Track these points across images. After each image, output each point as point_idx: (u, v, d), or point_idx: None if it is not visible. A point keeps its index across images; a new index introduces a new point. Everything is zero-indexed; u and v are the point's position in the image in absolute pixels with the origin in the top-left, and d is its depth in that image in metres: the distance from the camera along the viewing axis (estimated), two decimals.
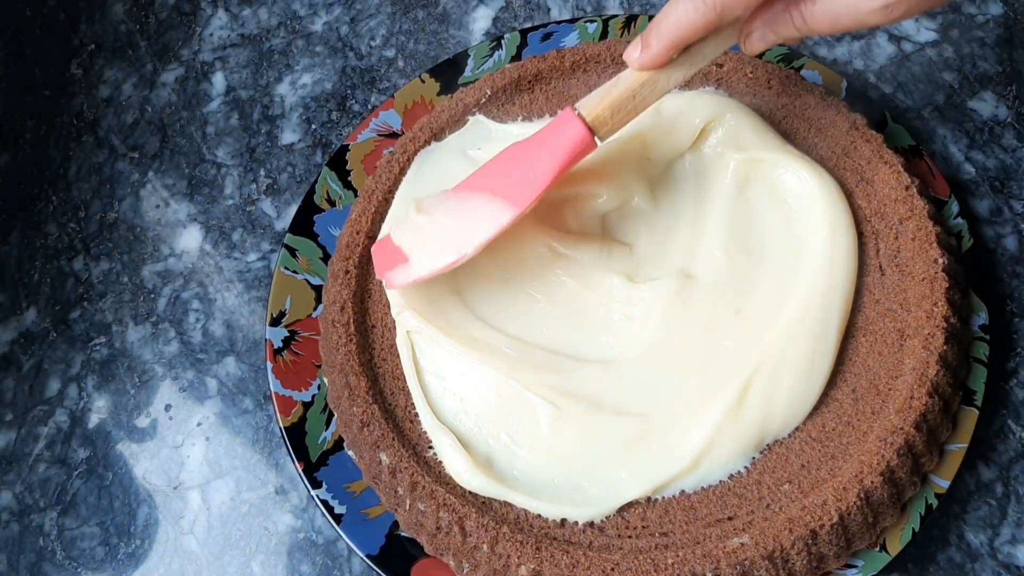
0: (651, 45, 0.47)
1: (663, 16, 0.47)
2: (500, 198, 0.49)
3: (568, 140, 0.49)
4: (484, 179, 0.51)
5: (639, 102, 0.49)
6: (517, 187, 0.49)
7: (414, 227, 0.52)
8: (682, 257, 0.54)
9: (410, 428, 0.51)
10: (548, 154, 0.49)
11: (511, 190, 0.50)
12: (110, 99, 0.69)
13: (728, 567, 0.45)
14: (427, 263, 0.50)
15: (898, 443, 0.47)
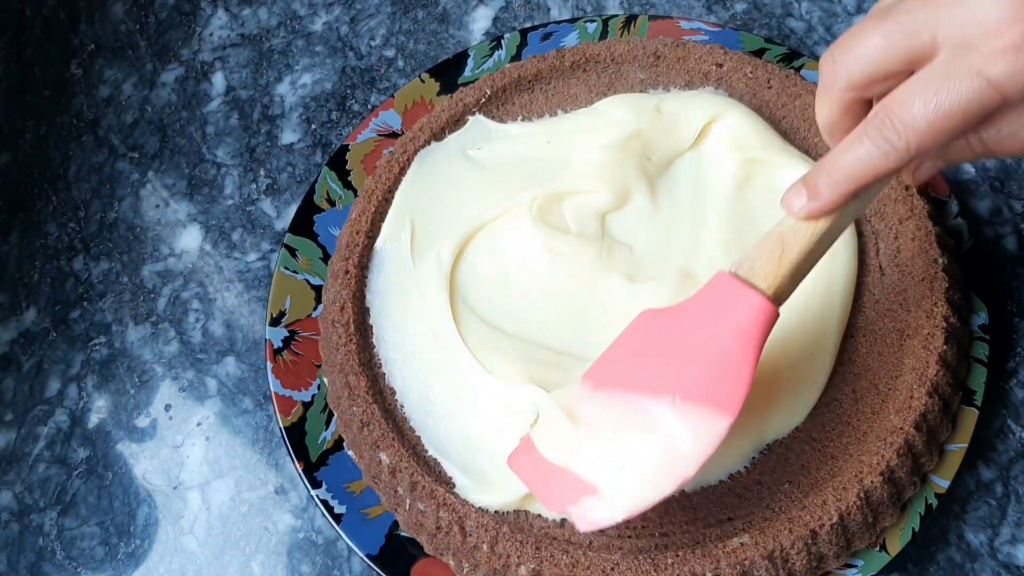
0: (822, 194, 0.40)
1: (837, 158, 0.39)
2: (697, 402, 0.40)
3: (757, 321, 0.40)
4: (645, 371, 0.42)
5: (814, 256, 0.42)
6: (713, 385, 0.40)
7: (573, 439, 0.43)
8: (682, 257, 0.54)
9: (410, 428, 0.51)
10: (736, 340, 0.40)
11: (706, 390, 0.40)
12: (110, 99, 0.69)
13: (728, 567, 0.45)
14: (636, 496, 0.41)
15: (898, 443, 0.47)
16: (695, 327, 0.42)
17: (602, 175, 0.55)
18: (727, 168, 0.56)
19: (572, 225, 0.55)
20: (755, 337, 0.40)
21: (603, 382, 0.44)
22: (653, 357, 0.42)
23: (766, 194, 0.55)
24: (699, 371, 0.41)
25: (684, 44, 0.61)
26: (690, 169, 0.57)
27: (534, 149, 0.58)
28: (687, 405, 0.40)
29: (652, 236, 0.55)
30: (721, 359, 0.40)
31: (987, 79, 0.36)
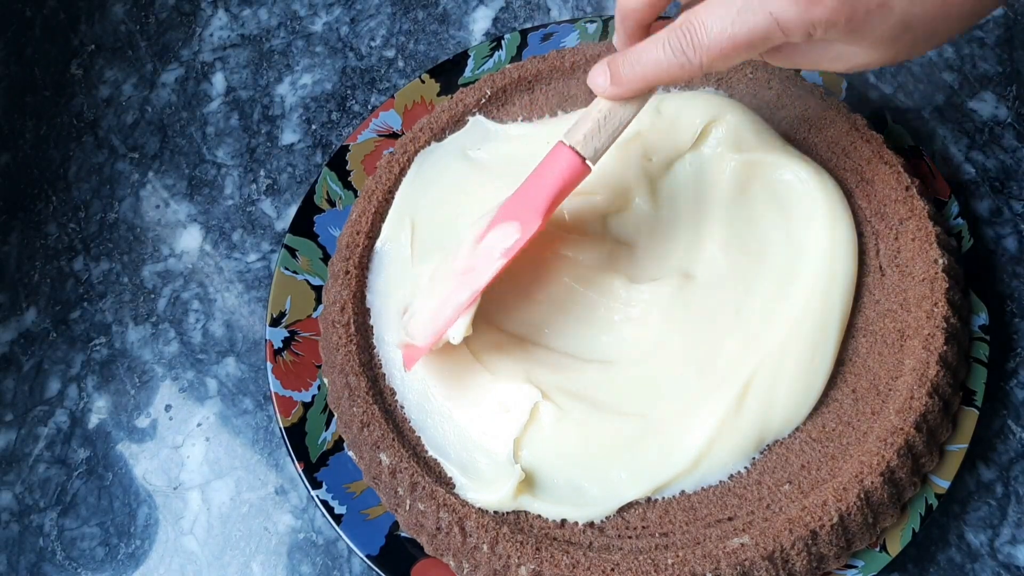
0: (621, 82, 0.46)
1: (639, 54, 0.45)
2: (506, 221, 0.49)
3: (563, 165, 0.48)
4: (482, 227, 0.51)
5: (615, 125, 0.48)
6: (520, 211, 0.49)
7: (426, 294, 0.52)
8: (682, 257, 0.54)
9: (410, 428, 0.51)
10: (544, 181, 0.49)
11: (515, 214, 0.49)
12: (110, 99, 0.69)
13: (728, 567, 0.45)
14: (445, 311, 0.49)
15: (898, 443, 0.47)
16: (529, 181, 0.50)
17: (602, 176, 0.55)
18: (727, 169, 0.56)
19: (573, 226, 0.55)
20: (558, 178, 0.48)
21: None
22: (501, 211, 0.50)
23: (766, 195, 0.55)
24: (515, 207, 0.49)
25: None
26: (690, 170, 0.57)
27: (534, 150, 0.58)
28: (502, 225, 0.49)
29: (652, 237, 0.55)
30: (531, 195, 0.49)
31: (775, 18, 0.40)
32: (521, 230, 0.49)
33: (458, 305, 0.49)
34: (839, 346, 0.51)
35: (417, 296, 0.53)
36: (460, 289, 0.49)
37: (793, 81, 0.59)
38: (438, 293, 0.50)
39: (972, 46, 0.66)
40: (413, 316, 0.51)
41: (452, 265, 0.51)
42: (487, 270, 0.49)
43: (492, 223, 0.50)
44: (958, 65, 0.65)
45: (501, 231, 0.49)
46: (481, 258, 0.49)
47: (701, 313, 0.52)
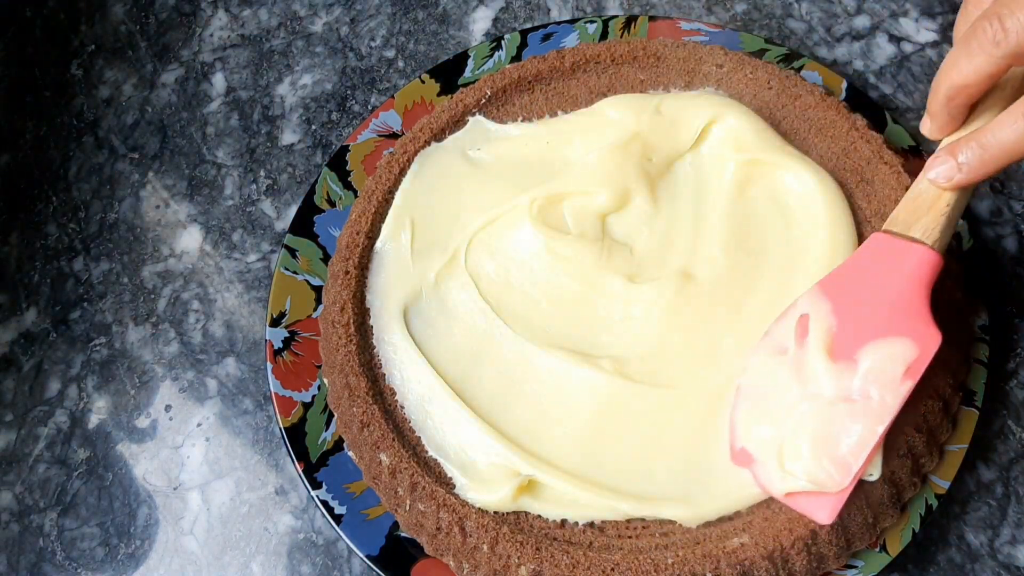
0: (972, 168, 0.42)
1: (995, 132, 0.41)
2: (884, 338, 0.45)
3: (924, 267, 0.45)
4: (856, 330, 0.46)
5: (958, 212, 0.46)
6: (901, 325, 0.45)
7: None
8: (682, 257, 0.54)
9: (410, 429, 0.51)
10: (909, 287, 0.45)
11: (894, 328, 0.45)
12: (110, 99, 0.69)
13: (728, 567, 0.45)
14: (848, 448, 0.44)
15: (898, 444, 0.47)
16: (868, 282, 0.46)
17: (602, 176, 0.55)
18: (727, 169, 0.56)
19: (572, 226, 0.55)
20: (924, 279, 0.45)
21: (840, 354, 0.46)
22: (849, 317, 0.46)
23: (766, 195, 0.55)
24: (886, 316, 0.45)
25: (684, 45, 0.61)
26: (690, 170, 0.57)
27: (534, 150, 0.58)
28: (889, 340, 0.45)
29: (652, 237, 0.55)
30: (902, 304, 0.45)
31: None
32: (920, 348, 0.44)
33: (860, 440, 0.44)
34: None
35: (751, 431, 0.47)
36: (853, 419, 0.44)
37: (793, 81, 0.59)
38: (812, 425, 0.45)
39: None
40: (786, 456, 0.45)
41: (809, 389, 0.45)
42: (889, 396, 0.44)
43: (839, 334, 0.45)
44: None
45: (885, 349, 0.44)
46: (873, 382, 0.44)
47: (701, 313, 0.52)
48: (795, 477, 0.45)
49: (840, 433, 0.44)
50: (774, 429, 0.46)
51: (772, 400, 0.47)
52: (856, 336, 0.45)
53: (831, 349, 0.46)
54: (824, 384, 0.45)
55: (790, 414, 0.46)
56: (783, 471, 0.45)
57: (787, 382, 0.47)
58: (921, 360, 0.44)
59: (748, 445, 0.47)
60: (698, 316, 0.52)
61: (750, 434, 0.47)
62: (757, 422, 0.47)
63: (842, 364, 0.45)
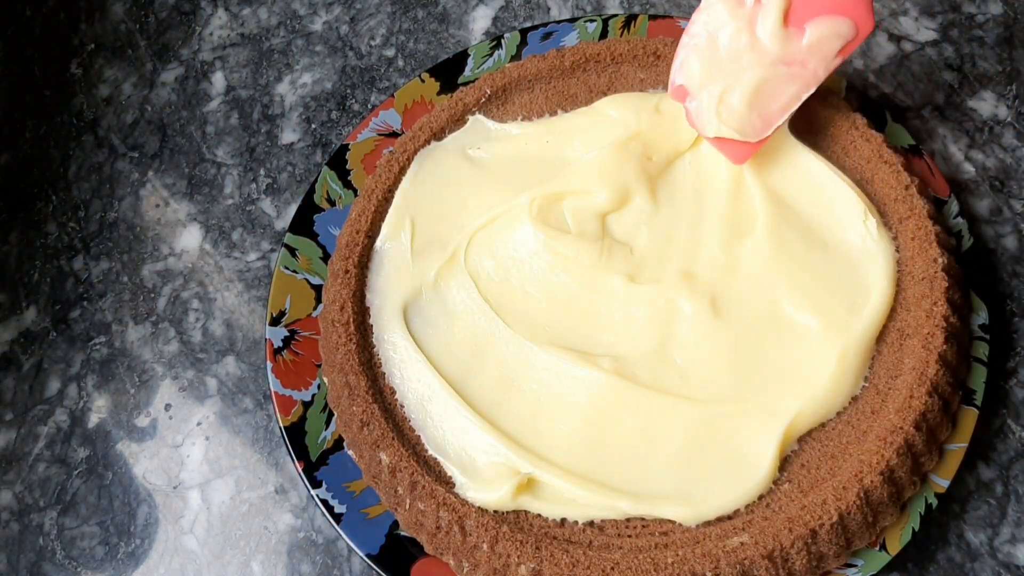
0: None
1: None
2: (830, 15, 0.49)
3: None
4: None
5: None
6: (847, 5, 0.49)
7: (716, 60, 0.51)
8: (682, 257, 0.54)
9: (410, 428, 0.51)
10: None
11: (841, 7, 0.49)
12: (110, 99, 0.69)
13: (728, 566, 0.45)
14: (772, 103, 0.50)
15: (898, 442, 0.47)
16: None
17: (602, 175, 0.55)
18: (727, 168, 0.56)
19: (572, 225, 0.55)
20: None
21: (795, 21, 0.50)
22: None
23: (766, 193, 0.55)
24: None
25: None
26: (690, 169, 0.57)
27: (534, 149, 0.58)
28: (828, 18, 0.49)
29: (652, 236, 0.55)
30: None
31: None
32: (856, 29, 0.49)
33: (786, 101, 0.50)
34: None
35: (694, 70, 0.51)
36: (788, 82, 0.49)
37: None
38: (752, 79, 0.50)
39: (972, 45, 0.66)
40: (728, 106, 0.50)
41: (757, 44, 0.50)
42: (821, 69, 0.49)
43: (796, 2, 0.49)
44: (958, 64, 0.65)
45: (828, 26, 0.49)
46: (813, 54, 0.49)
47: (702, 313, 0.52)
48: (726, 125, 0.51)
49: (775, 92, 0.50)
50: (716, 73, 0.51)
51: (719, 46, 0.51)
52: (810, 7, 0.50)
53: (786, 12, 0.50)
54: (771, 45, 0.50)
55: (734, 64, 0.50)
56: (717, 116, 0.51)
57: (738, 34, 0.51)
58: (854, 43, 0.50)
59: (687, 83, 0.51)
60: (699, 316, 0.52)
61: (692, 71, 0.51)
62: (700, 62, 0.51)
63: (792, 30, 0.50)
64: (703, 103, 0.51)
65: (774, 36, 0.50)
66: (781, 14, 0.50)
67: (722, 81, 0.51)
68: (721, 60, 0.51)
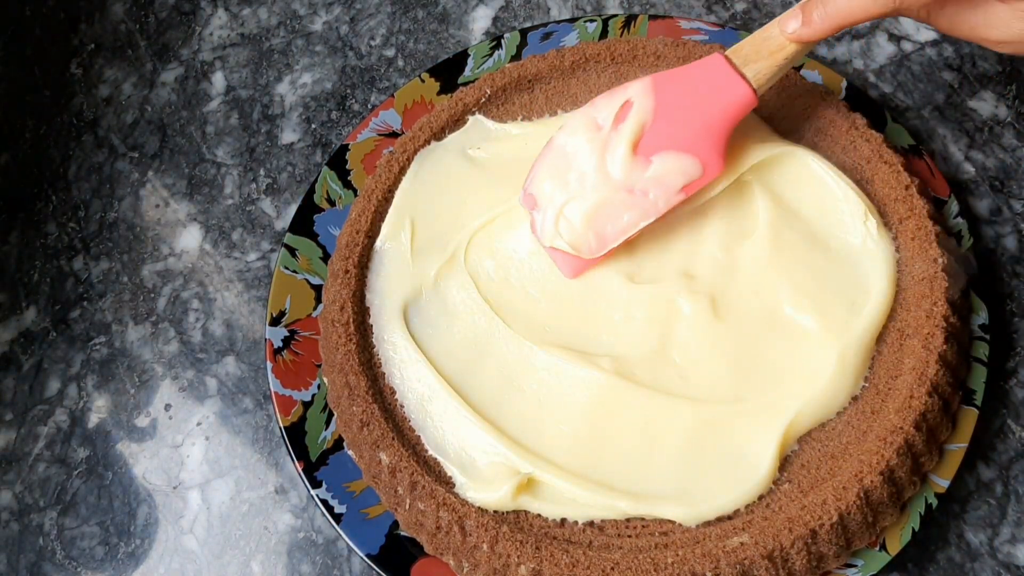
0: (814, 23, 0.48)
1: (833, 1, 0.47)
2: (679, 152, 0.51)
3: (741, 105, 0.51)
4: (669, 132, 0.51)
5: (788, 67, 0.51)
6: (697, 147, 0.51)
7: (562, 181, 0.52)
8: (682, 257, 0.54)
9: (410, 428, 0.51)
10: (716, 112, 0.50)
11: (691, 147, 0.51)
12: (110, 99, 0.69)
13: (728, 566, 0.45)
14: (608, 227, 0.52)
15: (898, 442, 0.47)
16: (692, 95, 0.51)
17: None
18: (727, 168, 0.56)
19: None
20: (736, 116, 0.51)
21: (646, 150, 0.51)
22: (664, 121, 0.51)
23: (765, 193, 0.55)
24: (691, 134, 0.51)
25: (684, 44, 0.61)
26: None
27: (534, 149, 0.58)
28: (675, 154, 0.51)
29: (652, 236, 0.55)
30: (708, 129, 0.51)
31: None
32: (703, 171, 0.51)
33: (623, 226, 0.51)
34: None
35: (544, 183, 0.53)
36: (626, 208, 0.51)
37: (793, 80, 0.59)
38: (593, 199, 0.51)
39: (972, 45, 0.66)
40: (567, 221, 0.52)
41: (604, 168, 0.51)
42: (661, 201, 0.51)
43: (649, 133, 0.51)
44: (958, 64, 0.65)
45: (676, 162, 0.51)
46: (656, 186, 0.51)
47: (702, 314, 0.52)
48: (562, 238, 0.52)
49: (612, 215, 0.51)
50: (562, 189, 0.52)
51: (571, 165, 0.52)
52: (660, 140, 0.51)
53: (636, 143, 0.51)
54: (617, 170, 0.51)
55: (580, 183, 0.52)
56: (555, 228, 0.52)
57: (589, 156, 0.52)
58: (700, 182, 0.51)
59: (537, 193, 0.53)
60: (699, 316, 0.52)
61: (543, 184, 0.53)
62: (551, 177, 0.53)
63: (639, 159, 0.51)
64: (546, 214, 0.53)
65: (620, 163, 0.51)
66: (630, 143, 0.51)
67: (566, 197, 0.52)
68: (569, 177, 0.52)
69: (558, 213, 0.52)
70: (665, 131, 0.51)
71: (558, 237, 0.52)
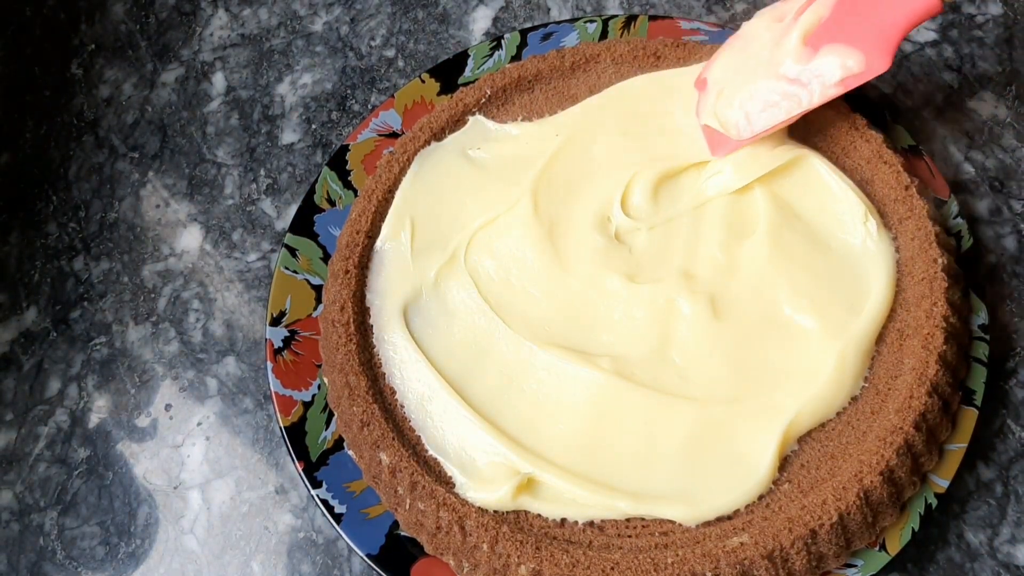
0: None
1: None
2: (846, 44, 0.50)
3: (921, 5, 0.48)
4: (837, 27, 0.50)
5: None
6: (866, 40, 0.49)
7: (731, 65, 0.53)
8: (682, 257, 0.54)
9: (410, 428, 0.51)
10: (894, 10, 0.49)
11: (859, 40, 0.49)
12: (110, 99, 0.69)
13: (728, 566, 0.45)
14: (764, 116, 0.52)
15: (897, 443, 0.47)
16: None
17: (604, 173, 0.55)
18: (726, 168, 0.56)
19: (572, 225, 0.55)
20: (916, 20, 0.48)
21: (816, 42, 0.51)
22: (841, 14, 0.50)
23: (766, 194, 0.55)
24: (864, 30, 0.49)
25: (684, 44, 0.61)
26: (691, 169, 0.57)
27: (534, 149, 0.58)
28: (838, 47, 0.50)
29: (652, 236, 0.55)
30: (882, 28, 0.49)
31: None
32: (865, 66, 0.49)
33: (776, 113, 0.51)
34: None
35: (719, 68, 0.54)
36: (783, 96, 0.51)
37: None
38: (754, 83, 0.51)
39: (972, 46, 0.66)
40: (723, 98, 0.52)
41: (774, 56, 0.51)
42: (815, 94, 0.50)
43: (823, 25, 0.49)
44: (958, 65, 0.65)
45: (839, 54, 0.49)
46: (813, 77, 0.50)
47: (701, 314, 0.52)
48: (716, 118, 0.53)
49: (769, 101, 0.52)
50: (731, 73, 0.53)
51: (747, 50, 0.53)
52: (833, 32, 0.50)
53: (809, 34, 0.51)
54: (784, 58, 0.51)
55: (749, 68, 0.52)
56: (714, 108, 0.53)
57: (765, 43, 0.52)
58: (860, 77, 0.50)
59: (709, 76, 0.54)
60: (698, 316, 0.52)
61: (716, 68, 0.54)
62: (727, 62, 0.54)
63: (807, 50, 0.51)
64: (710, 94, 0.54)
65: (789, 52, 0.51)
66: (803, 33, 0.51)
67: (732, 81, 0.53)
68: (741, 62, 0.53)
69: (719, 93, 0.53)
70: (839, 25, 0.50)
71: (713, 116, 0.53)
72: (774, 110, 0.52)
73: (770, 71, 0.52)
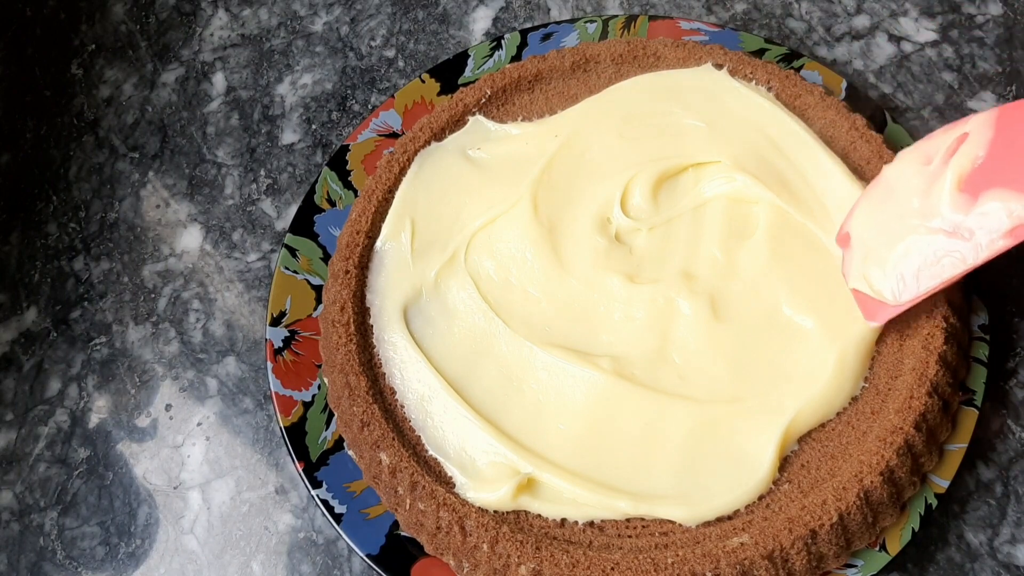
0: None
1: None
2: (1010, 189, 0.43)
3: None
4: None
5: None
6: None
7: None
8: (682, 257, 0.54)
9: (410, 428, 0.51)
10: None
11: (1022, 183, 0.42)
12: (110, 99, 0.69)
13: (728, 566, 0.45)
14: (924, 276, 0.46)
15: (897, 443, 0.47)
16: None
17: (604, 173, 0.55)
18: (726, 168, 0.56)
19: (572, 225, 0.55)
20: None
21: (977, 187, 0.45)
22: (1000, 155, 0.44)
23: None
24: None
25: (684, 44, 0.61)
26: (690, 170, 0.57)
27: (534, 149, 0.58)
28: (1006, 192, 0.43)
29: (652, 236, 0.55)
30: None
31: None
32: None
33: (938, 272, 0.45)
34: None
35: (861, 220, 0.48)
36: (944, 251, 0.45)
37: (793, 81, 0.59)
38: (908, 240, 0.46)
39: (972, 46, 0.66)
40: (872, 261, 0.47)
41: (926, 206, 0.45)
42: (982, 248, 0.44)
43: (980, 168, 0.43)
44: (958, 65, 0.65)
45: (1003, 199, 0.43)
46: (976, 228, 0.44)
47: (702, 314, 0.52)
48: (865, 281, 0.48)
49: (927, 259, 0.45)
50: (878, 228, 0.47)
51: (893, 200, 0.47)
52: (991, 176, 0.44)
53: (964, 178, 0.45)
54: (939, 208, 0.45)
55: (898, 221, 0.46)
56: (862, 269, 0.48)
57: (913, 191, 0.47)
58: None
59: (852, 231, 0.49)
60: (699, 317, 0.52)
61: (859, 221, 0.49)
62: (870, 213, 0.48)
63: (965, 197, 0.44)
64: (855, 254, 0.48)
65: (944, 200, 0.45)
66: (958, 179, 0.45)
67: (880, 237, 0.47)
68: (888, 214, 0.47)
69: (866, 253, 0.48)
70: (999, 166, 0.43)
71: (862, 280, 0.48)
72: (935, 268, 0.45)
73: (925, 224, 0.45)
